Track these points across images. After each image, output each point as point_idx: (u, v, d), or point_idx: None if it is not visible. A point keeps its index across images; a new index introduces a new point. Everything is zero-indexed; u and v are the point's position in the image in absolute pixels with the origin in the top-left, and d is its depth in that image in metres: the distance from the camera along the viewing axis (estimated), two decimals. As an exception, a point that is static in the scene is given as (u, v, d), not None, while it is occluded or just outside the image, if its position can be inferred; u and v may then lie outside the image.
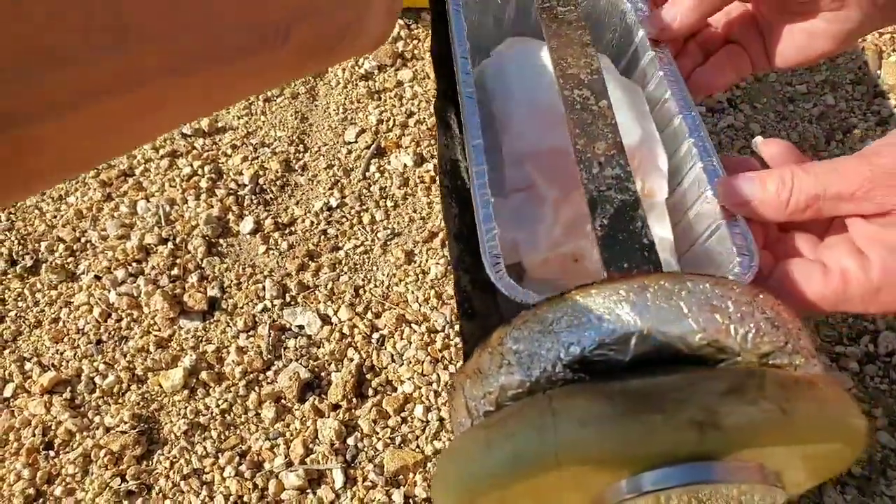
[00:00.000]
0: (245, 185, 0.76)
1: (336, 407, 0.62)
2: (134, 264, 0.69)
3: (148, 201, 0.74)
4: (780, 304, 0.32)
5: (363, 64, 0.86)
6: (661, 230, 0.41)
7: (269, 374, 0.63)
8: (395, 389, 0.63)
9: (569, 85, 0.40)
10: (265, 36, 0.21)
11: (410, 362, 0.64)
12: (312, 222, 0.73)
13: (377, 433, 0.60)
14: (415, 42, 0.88)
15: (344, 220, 0.74)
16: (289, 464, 0.59)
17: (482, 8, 0.52)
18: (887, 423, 0.59)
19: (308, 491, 0.57)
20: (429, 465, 0.59)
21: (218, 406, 0.61)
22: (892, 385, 0.61)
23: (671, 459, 0.26)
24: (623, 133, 0.39)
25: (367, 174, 0.77)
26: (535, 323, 0.30)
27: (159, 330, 0.65)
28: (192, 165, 0.77)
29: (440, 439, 0.60)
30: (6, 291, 0.67)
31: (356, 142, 0.80)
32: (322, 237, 0.72)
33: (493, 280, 0.34)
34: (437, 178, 0.76)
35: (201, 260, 0.70)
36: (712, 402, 0.25)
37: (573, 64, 0.41)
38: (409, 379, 0.63)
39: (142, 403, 0.61)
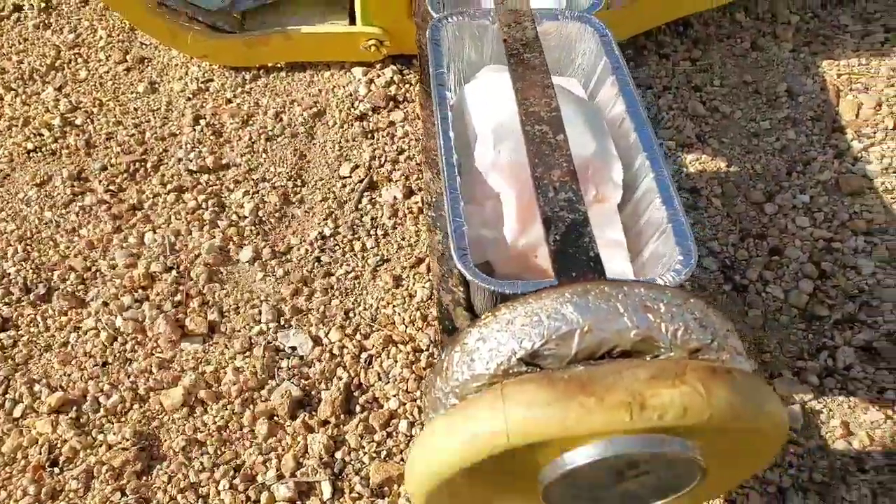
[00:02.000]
0: (245, 217, 0.81)
1: (325, 423, 0.65)
2: (140, 291, 0.74)
3: (154, 233, 0.79)
4: (709, 308, 0.36)
5: (358, 106, 0.92)
6: (613, 233, 0.47)
7: (264, 392, 0.67)
8: (381, 406, 0.66)
9: (530, 121, 0.45)
10: None
11: (396, 380, 0.68)
12: (307, 250, 0.78)
13: (364, 447, 0.64)
14: (406, 86, 0.95)
15: (337, 248, 0.78)
16: (280, 476, 0.62)
17: (465, 41, 0.60)
18: (847, 433, 0.62)
19: (298, 502, 0.60)
20: (415, 478, 0.62)
21: (215, 423, 0.65)
22: (849, 397, 0.64)
23: (605, 437, 0.30)
24: (579, 146, 0.45)
25: (360, 206, 0.82)
26: (495, 322, 0.34)
27: (162, 352, 0.69)
28: (196, 199, 0.82)
29: (426, 454, 0.64)
30: (20, 318, 0.72)
31: (350, 176, 0.85)
32: (316, 264, 0.77)
33: (460, 268, 0.39)
34: (424, 209, 0.81)
35: (203, 286, 0.74)
36: (638, 386, 0.30)
37: (535, 103, 0.47)
38: (394, 396, 0.67)
39: (143, 421, 0.65)
